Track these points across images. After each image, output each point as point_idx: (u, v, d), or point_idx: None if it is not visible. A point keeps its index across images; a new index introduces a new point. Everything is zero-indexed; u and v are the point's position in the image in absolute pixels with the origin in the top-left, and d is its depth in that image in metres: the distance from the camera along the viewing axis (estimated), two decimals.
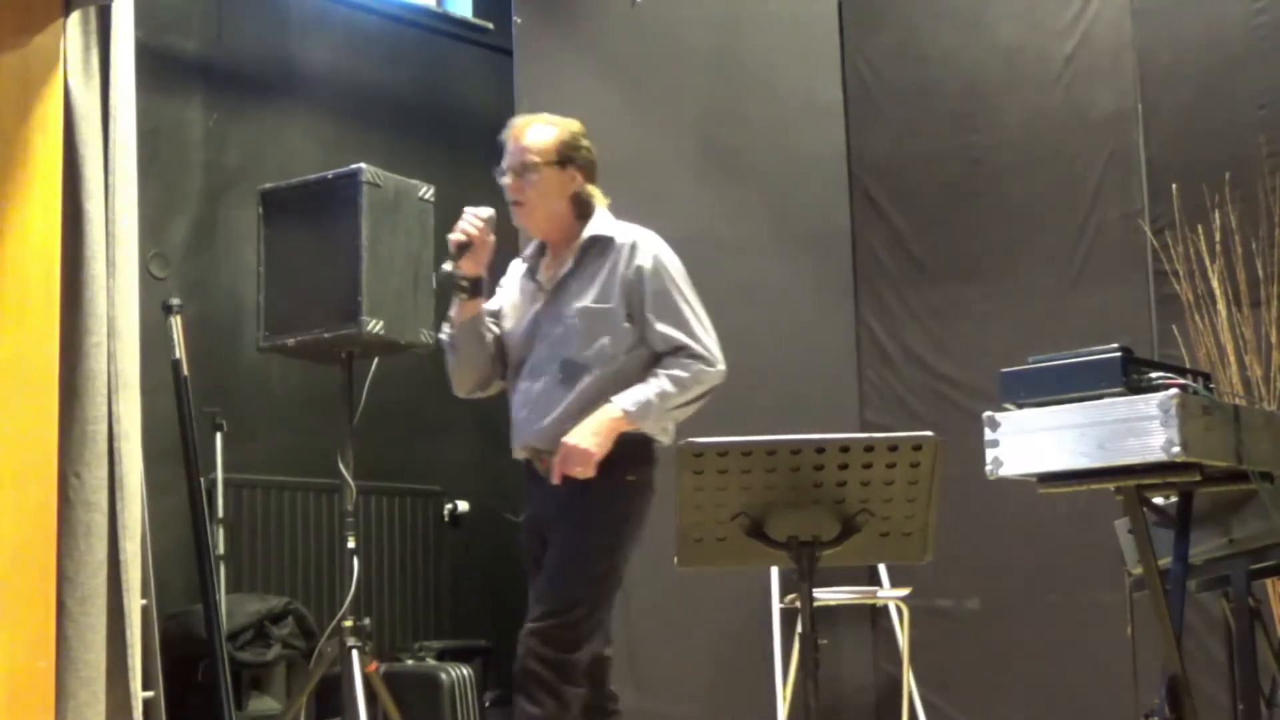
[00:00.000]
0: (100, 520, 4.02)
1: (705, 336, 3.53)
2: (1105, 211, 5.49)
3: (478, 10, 7.33)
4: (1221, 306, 5.01)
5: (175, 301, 4.84)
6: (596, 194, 3.64)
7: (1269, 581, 4.64)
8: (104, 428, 4.07)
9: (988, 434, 3.14)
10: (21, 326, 3.92)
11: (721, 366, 3.53)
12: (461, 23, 7.28)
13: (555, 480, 3.40)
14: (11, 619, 3.81)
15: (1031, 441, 3.09)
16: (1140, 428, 2.96)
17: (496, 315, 3.70)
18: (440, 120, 6.99)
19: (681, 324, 3.50)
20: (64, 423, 3.98)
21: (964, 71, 5.84)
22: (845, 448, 2.89)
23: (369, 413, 4.55)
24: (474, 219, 3.54)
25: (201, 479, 4.89)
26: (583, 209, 3.61)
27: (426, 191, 4.61)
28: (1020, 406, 3.14)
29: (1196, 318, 5.07)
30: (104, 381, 4.08)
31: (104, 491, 4.05)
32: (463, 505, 6.80)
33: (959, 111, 5.83)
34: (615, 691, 3.56)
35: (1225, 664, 3.99)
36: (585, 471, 3.36)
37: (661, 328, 3.49)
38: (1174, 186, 5.21)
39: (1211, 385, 3.19)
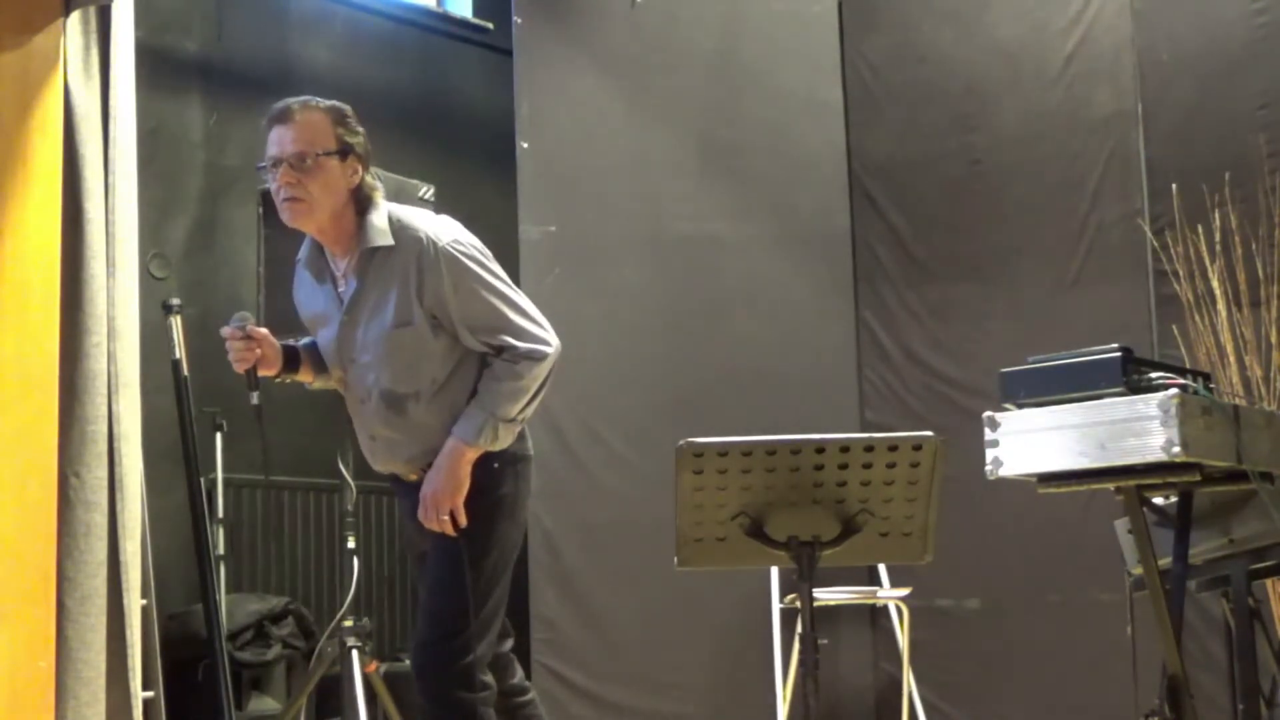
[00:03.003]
0: (100, 520, 4.02)
1: (524, 321, 3.18)
2: (1105, 211, 5.49)
3: (478, 10, 7.33)
4: (1221, 306, 5.01)
5: (175, 301, 4.83)
6: (373, 185, 3.30)
7: (1269, 581, 4.64)
8: (104, 428, 4.06)
9: (988, 434, 3.14)
10: (21, 326, 3.91)
11: (552, 346, 3.18)
12: (461, 23, 7.29)
13: (432, 527, 3.20)
14: (11, 619, 3.80)
15: (1031, 441, 3.09)
16: (1140, 428, 2.96)
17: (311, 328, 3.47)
18: (440, 120, 6.99)
19: (494, 320, 3.16)
20: (64, 423, 3.97)
21: (964, 71, 5.84)
22: (845, 448, 2.89)
23: None
24: (237, 341, 3.28)
25: (201, 479, 4.89)
26: (362, 205, 3.25)
27: (426, 191, 4.60)
28: (1020, 406, 3.14)
29: (1196, 318, 5.07)
30: (104, 381, 4.08)
31: (104, 491, 4.04)
32: None
33: (959, 111, 5.83)
34: (525, 684, 3.45)
35: (1225, 664, 3.99)
36: (457, 513, 3.15)
37: (477, 334, 3.18)
38: (1174, 186, 5.21)
39: (1211, 385, 3.19)
